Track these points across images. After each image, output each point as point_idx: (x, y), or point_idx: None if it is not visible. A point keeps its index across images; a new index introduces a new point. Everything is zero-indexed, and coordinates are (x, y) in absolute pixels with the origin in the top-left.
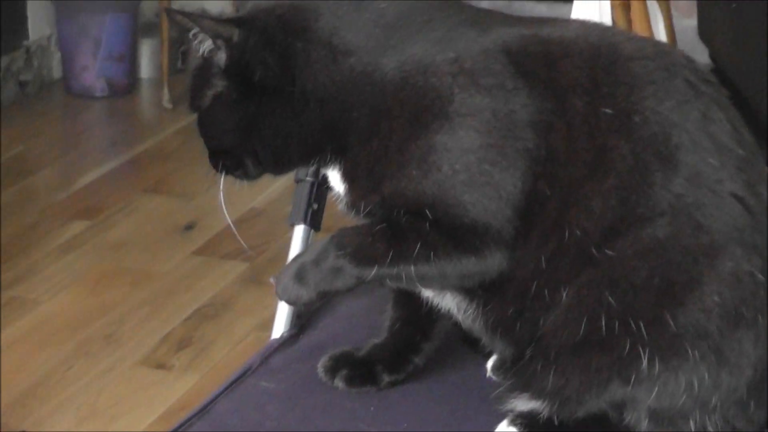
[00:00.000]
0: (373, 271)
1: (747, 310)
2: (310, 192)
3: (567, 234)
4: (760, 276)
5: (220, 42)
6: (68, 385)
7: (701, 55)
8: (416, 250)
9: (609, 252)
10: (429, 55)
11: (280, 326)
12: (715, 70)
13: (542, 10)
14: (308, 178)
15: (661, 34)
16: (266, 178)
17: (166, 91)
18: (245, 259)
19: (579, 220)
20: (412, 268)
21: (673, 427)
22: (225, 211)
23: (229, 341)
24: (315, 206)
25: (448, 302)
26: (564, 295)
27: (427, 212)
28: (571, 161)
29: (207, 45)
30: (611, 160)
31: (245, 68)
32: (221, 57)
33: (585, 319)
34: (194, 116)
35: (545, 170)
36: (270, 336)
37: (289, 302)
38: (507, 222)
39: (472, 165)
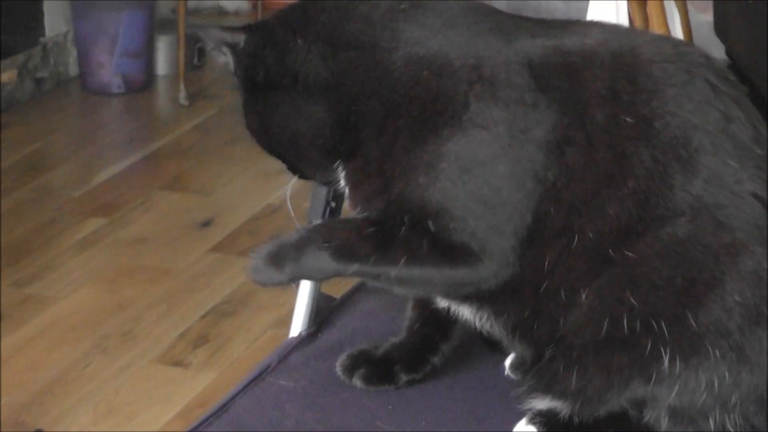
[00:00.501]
0: (353, 268)
1: None
2: (329, 189)
3: (576, 238)
4: None
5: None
6: (85, 382)
7: (716, 51)
8: (402, 261)
9: (628, 253)
10: (447, 58)
11: (298, 324)
12: (731, 67)
13: (558, 7)
14: None
15: (677, 31)
16: (282, 175)
17: (182, 87)
18: None
19: (592, 223)
20: (393, 272)
21: (692, 426)
22: (291, 211)
23: (246, 338)
24: (333, 204)
25: (464, 311)
26: (584, 296)
27: (430, 224)
28: (589, 171)
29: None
30: (630, 166)
31: (249, 70)
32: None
33: (607, 319)
34: (210, 112)
35: (553, 190)
36: (287, 333)
37: (259, 283)
38: (507, 238)
39: (481, 179)
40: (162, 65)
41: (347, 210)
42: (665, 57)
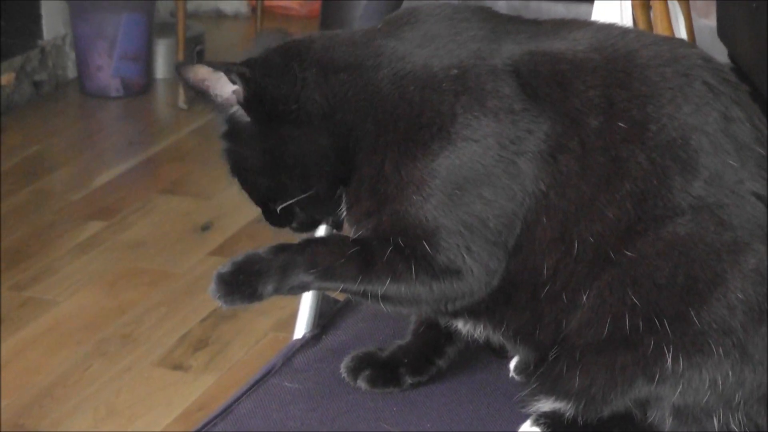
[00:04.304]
0: (339, 288)
1: None
2: None
3: (577, 244)
4: None
5: (234, 77)
6: (86, 385)
7: (719, 55)
8: (388, 280)
9: (628, 253)
10: (430, 70)
11: (302, 327)
12: (734, 70)
13: (559, 10)
14: None
15: (682, 34)
16: None
17: (181, 91)
18: None
19: (592, 227)
20: (380, 291)
21: (696, 425)
22: None
23: (246, 342)
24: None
25: (460, 325)
26: (584, 297)
27: (424, 244)
28: (584, 177)
29: (226, 87)
30: (626, 169)
31: (258, 98)
32: (239, 91)
33: (609, 319)
34: (210, 116)
35: (544, 199)
36: (287, 336)
37: (230, 304)
38: (497, 249)
39: (474, 193)
40: (161, 69)
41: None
42: (662, 60)
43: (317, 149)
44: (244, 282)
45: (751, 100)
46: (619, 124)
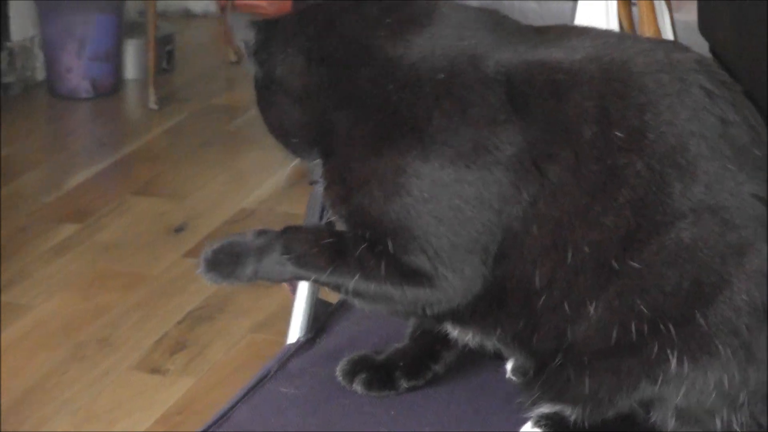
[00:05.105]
0: (312, 277)
1: None
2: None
3: (571, 253)
4: None
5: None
6: (64, 389)
7: (697, 51)
8: (357, 276)
9: (634, 264)
10: (416, 72)
11: (296, 331)
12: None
13: (531, 7)
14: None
15: (668, 30)
16: (255, 179)
17: (152, 91)
18: None
19: (588, 236)
20: (350, 286)
21: (699, 426)
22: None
23: (224, 344)
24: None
25: (449, 330)
26: (592, 308)
27: (389, 242)
28: (578, 186)
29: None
30: (623, 177)
31: (254, 65)
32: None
33: (616, 327)
34: (180, 116)
35: (531, 208)
36: (265, 337)
37: (212, 281)
38: (471, 257)
39: (443, 197)
40: (130, 69)
41: None
42: (658, 67)
43: (292, 118)
44: (223, 261)
45: (746, 100)
46: (616, 133)
